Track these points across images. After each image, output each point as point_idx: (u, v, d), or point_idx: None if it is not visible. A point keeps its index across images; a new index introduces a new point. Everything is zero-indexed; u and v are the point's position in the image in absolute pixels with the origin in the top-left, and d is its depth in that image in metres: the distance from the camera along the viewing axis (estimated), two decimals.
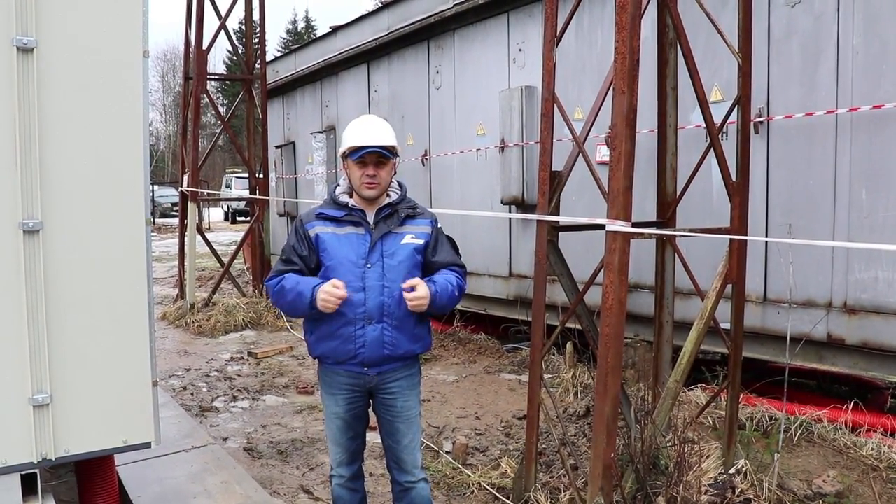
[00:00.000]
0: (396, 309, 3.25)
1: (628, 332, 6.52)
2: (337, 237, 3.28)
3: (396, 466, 3.46)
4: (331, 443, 3.48)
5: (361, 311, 3.22)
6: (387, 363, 3.31)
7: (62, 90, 2.95)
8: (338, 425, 3.41)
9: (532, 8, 7.74)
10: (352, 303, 3.19)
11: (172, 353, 8.85)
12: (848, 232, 5.13)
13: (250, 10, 11.54)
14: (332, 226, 3.30)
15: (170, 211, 34.76)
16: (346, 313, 3.21)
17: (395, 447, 3.43)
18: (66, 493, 4.14)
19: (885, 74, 4.89)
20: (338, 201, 3.35)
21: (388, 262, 3.26)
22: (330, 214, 3.33)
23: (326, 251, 3.27)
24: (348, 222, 3.31)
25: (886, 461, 4.68)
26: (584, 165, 4.04)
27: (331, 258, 3.26)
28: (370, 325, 3.23)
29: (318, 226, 3.31)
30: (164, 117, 55.90)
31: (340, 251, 3.26)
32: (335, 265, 3.25)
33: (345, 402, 3.37)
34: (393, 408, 3.38)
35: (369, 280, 3.23)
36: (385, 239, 3.29)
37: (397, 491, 3.51)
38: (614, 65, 3.61)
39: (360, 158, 3.23)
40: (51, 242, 2.95)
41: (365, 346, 3.24)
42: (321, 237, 3.29)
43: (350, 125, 3.37)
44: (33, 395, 2.94)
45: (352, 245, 3.27)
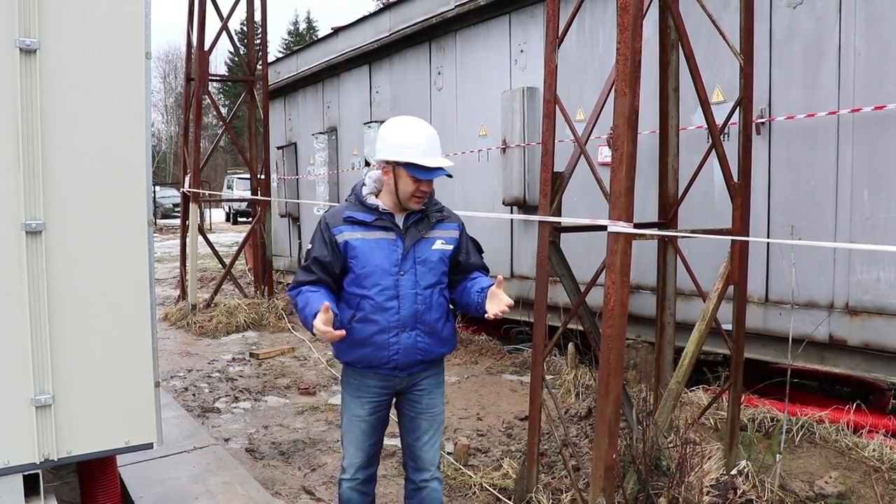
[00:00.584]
0: (429, 315, 3.23)
1: (630, 334, 6.52)
2: (367, 243, 3.17)
3: (413, 464, 3.45)
4: (350, 445, 3.37)
5: (395, 319, 3.17)
6: (418, 366, 3.32)
7: (65, 91, 2.96)
8: (361, 428, 3.35)
9: (534, 9, 7.74)
10: (384, 310, 3.15)
11: (174, 353, 8.85)
12: (850, 233, 5.12)
13: (252, 11, 11.55)
14: (361, 230, 3.19)
15: (171, 212, 34.75)
16: (378, 321, 3.16)
17: (415, 444, 3.42)
18: (68, 493, 4.14)
19: (886, 75, 4.89)
20: (366, 204, 3.23)
21: (420, 269, 3.21)
22: (359, 218, 3.20)
23: (357, 258, 3.15)
24: (378, 227, 3.20)
25: (888, 462, 4.68)
26: (586, 166, 4.04)
27: (362, 266, 3.15)
28: (404, 332, 3.19)
29: (347, 231, 3.18)
30: (165, 118, 55.97)
31: (372, 259, 3.15)
32: (367, 273, 3.15)
33: (371, 405, 3.33)
34: (418, 404, 3.39)
35: (403, 288, 3.17)
36: (417, 245, 3.22)
37: (410, 489, 3.49)
38: (616, 66, 3.61)
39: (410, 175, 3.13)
40: (53, 243, 2.96)
41: (399, 353, 3.21)
42: (350, 244, 3.16)
43: (408, 130, 3.16)
44: (36, 396, 2.95)
45: (383, 251, 3.17)
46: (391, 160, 3.15)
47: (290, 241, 13.89)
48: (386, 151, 3.17)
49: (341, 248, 3.17)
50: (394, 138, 3.17)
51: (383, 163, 3.20)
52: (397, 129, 3.19)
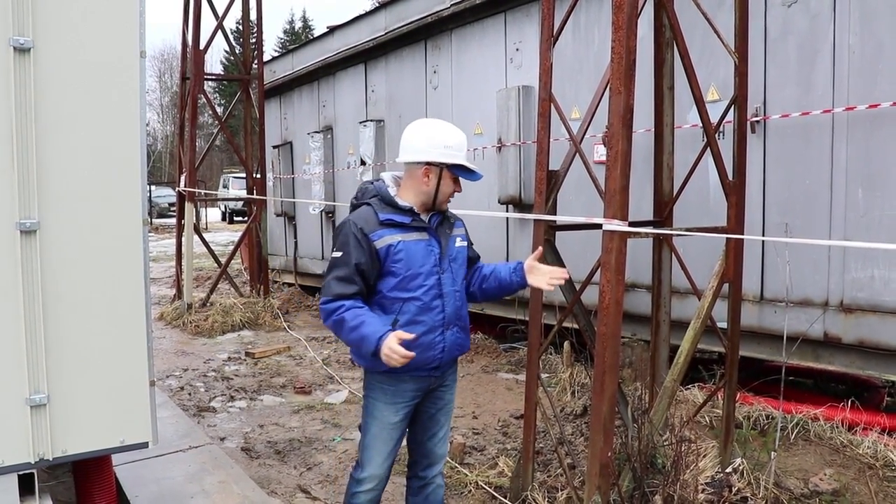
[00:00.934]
0: (463, 311, 3.32)
1: (626, 332, 6.53)
2: (409, 245, 3.14)
3: (426, 461, 3.45)
4: (377, 456, 3.28)
5: (441, 317, 3.19)
6: (453, 363, 3.39)
7: (59, 90, 2.95)
8: (393, 437, 3.29)
9: (529, 7, 7.74)
10: (430, 310, 3.16)
11: (170, 353, 8.85)
12: (844, 231, 5.14)
13: (247, 10, 11.54)
14: (401, 233, 3.14)
15: (167, 211, 34.75)
16: (426, 321, 3.16)
17: (429, 441, 3.43)
18: (63, 493, 4.13)
19: (880, 74, 4.90)
20: (399, 205, 3.18)
21: (454, 267, 3.27)
22: (398, 221, 3.15)
23: (403, 261, 3.11)
24: (414, 228, 3.18)
25: (883, 459, 4.69)
26: (582, 165, 4.05)
27: (407, 268, 3.12)
28: (448, 330, 3.23)
29: (387, 235, 3.11)
30: (161, 117, 55.85)
31: (416, 260, 3.14)
32: (413, 275, 3.13)
33: (405, 409, 3.29)
34: (441, 400, 3.42)
35: (446, 286, 3.20)
36: (448, 244, 3.27)
37: (417, 486, 3.48)
38: (611, 64, 3.61)
39: (452, 176, 3.20)
40: (48, 242, 2.95)
41: (444, 351, 3.23)
42: (395, 248, 3.11)
43: (453, 133, 3.20)
44: (30, 396, 2.94)
45: (422, 252, 3.17)
46: (439, 162, 3.16)
47: (285, 240, 13.87)
48: (433, 153, 3.15)
49: (381, 253, 3.11)
50: (443, 141, 3.17)
51: (423, 164, 3.17)
52: (443, 132, 3.21)
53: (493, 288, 3.41)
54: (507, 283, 3.36)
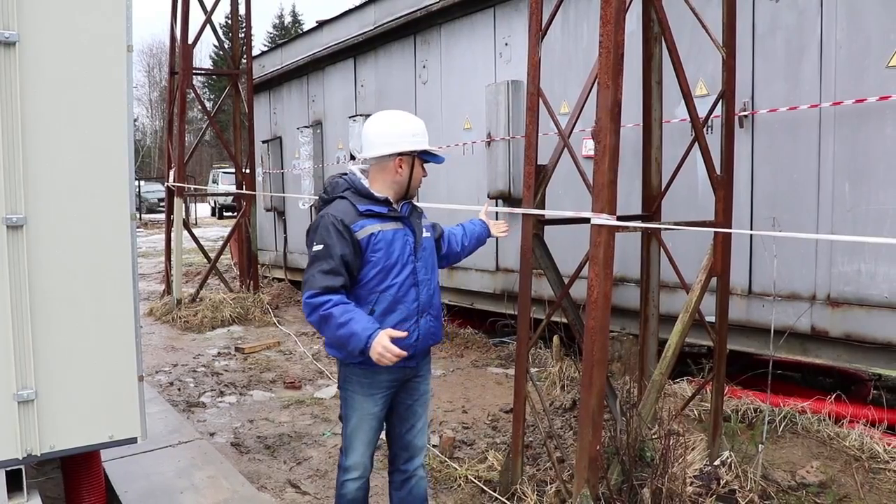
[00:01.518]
0: (436, 299, 3.38)
1: (614, 326, 6.55)
2: (388, 234, 3.19)
3: (406, 454, 3.48)
4: (360, 445, 3.33)
5: (415, 305, 3.25)
6: (427, 353, 3.43)
7: (45, 85, 2.94)
8: (373, 426, 3.34)
9: (518, 2, 7.74)
10: (406, 298, 3.22)
11: (159, 348, 8.83)
12: (831, 225, 5.17)
13: (236, 5, 11.50)
14: (379, 223, 3.18)
15: (156, 206, 34.57)
16: (401, 309, 3.20)
17: (408, 433, 3.46)
18: (52, 489, 4.13)
19: (867, 69, 4.92)
20: (375, 196, 3.23)
21: (425, 255, 3.34)
22: (377, 211, 3.20)
23: (382, 251, 3.15)
24: (391, 218, 3.23)
25: (869, 451, 4.73)
26: (571, 160, 4.05)
27: (387, 257, 3.16)
28: (422, 318, 3.28)
29: (368, 225, 3.15)
30: (150, 112, 55.60)
31: (395, 249, 3.19)
32: (392, 264, 3.17)
33: (383, 400, 3.34)
34: (416, 391, 3.45)
35: (420, 274, 3.27)
36: (421, 233, 3.34)
37: (400, 480, 3.51)
38: (599, 59, 3.62)
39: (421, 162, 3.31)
40: (35, 238, 2.95)
41: (419, 339, 3.27)
42: (375, 237, 3.14)
43: (414, 121, 3.30)
44: (18, 391, 2.94)
45: (400, 241, 3.22)
46: (409, 150, 3.23)
47: (275, 235, 13.84)
48: (403, 143, 3.22)
49: (363, 244, 3.13)
50: (409, 130, 3.25)
51: (395, 156, 3.22)
52: (407, 122, 3.28)
53: (472, 244, 3.86)
54: (482, 236, 3.90)
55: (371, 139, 3.26)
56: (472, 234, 3.85)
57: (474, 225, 3.90)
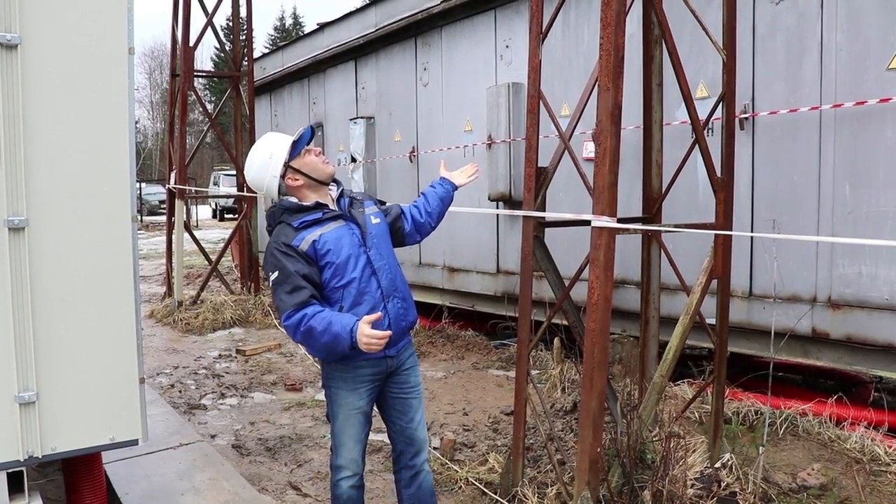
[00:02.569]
0: (399, 281, 3.40)
1: (615, 328, 6.55)
2: (329, 235, 3.22)
3: (411, 448, 3.49)
4: (349, 441, 3.36)
5: (378, 292, 3.27)
6: (403, 337, 3.42)
7: (47, 87, 2.95)
8: (360, 420, 3.36)
9: (519, 4, 7.75)
10: (368, 287, 3.25)
11: (160, 350, 8.83)
12: (832, 227, 5.17)
13: (237, 7, 11.51)
14: (318, 228, 3.24)
15: (157, 208, 34.59)
16: (367, 300, 3.24)
17: (409, 426, 3.48)
18: (53, 491, 4.13)
19: (867, 71, 4.93)
20: (304, 206, 3.30)
21: (377, 242, 3.36)
22: (311, 219, 3.25)
23: (331, 251, 3.20)
24: (329, 219, 3.28)
25: (870, 454, 4.73)
26: (571, 162, 4.06)
27: (337, 255, 3.20)
28: (389, 302, 3.30)
29: (307, 235, 3.20)
30: (151, 114, 55.62)
31: (342, 245, 3.23)
32: (344, 260, 3.21)
33: (367, 394, 3.36)
34: (407, 384, 3.46)
35: (375, 261, 3.30)
36: (366, 222, 3.36)
37: (408, 476, 3.52)
38: (599, 61, 3.63)
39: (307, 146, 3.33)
40: (36, 240, 2.95)
41: (390, 325, 3.28)
42: (319, 242, 3.19)
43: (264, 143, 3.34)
44: (19, 393, 2.94)
45: (346, 237, 3.26)
46: (280, 166, 3.28)
47: None
48: (272, 167, 3.29)
49: (310, 253, 3.19)
50: (264, 154, 3.31)
51: (280, 179, 3.31)
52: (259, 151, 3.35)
53: (438, 207, 3.77)
54: (445, 195, 3.79)
55: (256, 181, 3.37)
56: (434, 197, 3.77)
57: (433, 187, 3.81)
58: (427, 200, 3.76)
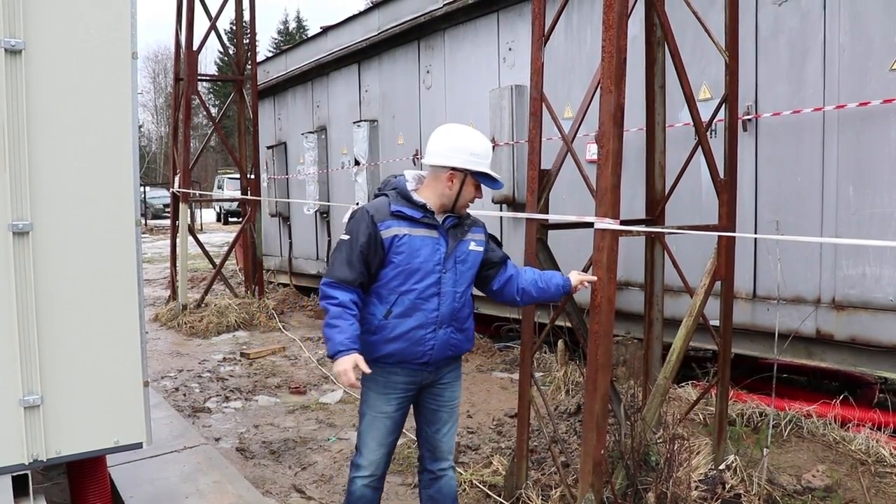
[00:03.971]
0: (462, 313, 3.34)
1: (619, 330, 6.55)
2: (414, 240, 3.19)
3: (431, 455, 3.50)
4: (371, 441, 3.36)
5: (434, 315, 3.24)
6: (445, 361, 3.40)
7: (51, 92, 2.96)
8: (386, 425, 3.35)
9: (522, 7, 7.75)
10: (425, 306, 3.22)
11: (165, 354, 8.84)
12: (836, 228, 5.16)
13: (241, 11, 11.53)
14: (408, 226, 3.20)
15: (162, 212, 34.63)
16: (418, 316, 3.21)
17: (435, 436, 3.48)
18: (58, 494, 4.14)
19: (870, 72, 4.92)
20: (413, 200, 3.24)
21: (459, 269, 3.30)
22: (408, 214, 3.21)
23: (404, 254, 3.17)
24: (424, 224, 3.23)
25: (875, 455, 4.72)
26: (574, 164, 4.06)
27: (408, 261, 3.18)
28: (440, 329, 3.26)
29: (394, 226, 3.18)
30: (155, 118, 55.78)
31: (419, 255, 3.19)
32: (413, 269, 3.18)
33: (397, 401, 3.35)
34: (441, 397, 3.45)
35: (445, 286, 3.25)
36: (457, 246, 3.30)
37: (428, 479, 3.53)
38: (602, 64, 3.63)
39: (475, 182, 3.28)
40: (41, 244, 2.96)
41: (434, 349, 3.27)
42: (399, 239, 3.17)
43: (481, 141, 3.28)
44: (24, 397, 2.95)
45: (428, 249, 3.22)
46: (464, 168, 3.22)
47: (280, 240, 13.87)
48: (459, 159, 3.22)
49: (386, 244, 3.17)
50: (470, 147, 3.24)
51: (448, 168, 3.23)
52: (470, 139, 3.27)
53: (534, 295, 3.54)
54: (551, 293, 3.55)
55: (432, 147, 3.29)
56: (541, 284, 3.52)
57: (554, 279, 3.56)
58: (534, 281, 3.53)
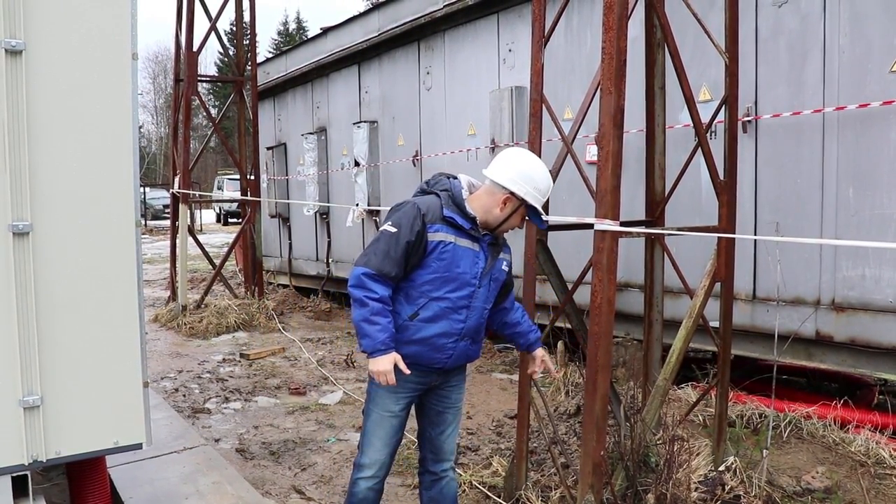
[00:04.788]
0: (482, 327, 3.37)
1: (619, 331, 6.55)
2: (457, 249, 3.17)
3: (433, 456, 3.50)
4: (377, 442, 3.34)
5: (460, 327, 3.23)
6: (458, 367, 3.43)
7: (51, 92, 2.96)
8: (392, 424, 3.34)
9: (522, 8, 7.76)
10: (453, 316, 3.21)
11: (164, 354, 8.84)
12: (835, 230, 5.16)
13: (240, 12, 11.54)
14: (454, 234, 3.17)
15: (161, 213, 34.65)
16: (444, 325, 3.20)
17: (438, 437, 3.48)
18: (57, 495, 4.13)
19: (870, 73, 4.93)
20: (465, 210, 3.20)
21: (492, 286, 3.31)
22: (458, 223, 3.18)
23: (444, 261, 3.15)
24: (469, 236, 3.22)
25: (874, 457, 4.72)
26: (574, 165, 4.06)
27: (447, 270, 3.15)
28: (463, 341, 3.27)
29: (442, 232, 3.15)
30: (155, 119, 55.78)
31: (459, 265, 3.17)
32: (450, 277, 3.17)
33: (406, 400, 3.35)
34: (447, 399, 3.46)
35: (476, 300, 3.25)
36: (496, 263, 3.31)
37: (430, 480, 3.53)
38: (602, 65, 3.63)
39: (524, 214, 3.26)
40: (40, 244, 2.96)
41: (451, 358, 3.28)
42: (443, 245, 3.14)
43: (545, 178, 3.24)
44: (24, 397, 2.94)
45: (468, 261, 3.20)
46: (522, 198, 3.19)
47: (280, 241, 13.87)
48: (519, 186, 3.18)
49: (430, 246, 3.14)
50: (536, 181, 3.20)
51: (506, 191, 3.20)
52: (539, 174, 3.23)
53: (508, 331, 3.61)
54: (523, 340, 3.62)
55: (500, 164, 3.24)
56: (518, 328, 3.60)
57: (530, 329, 3.62)
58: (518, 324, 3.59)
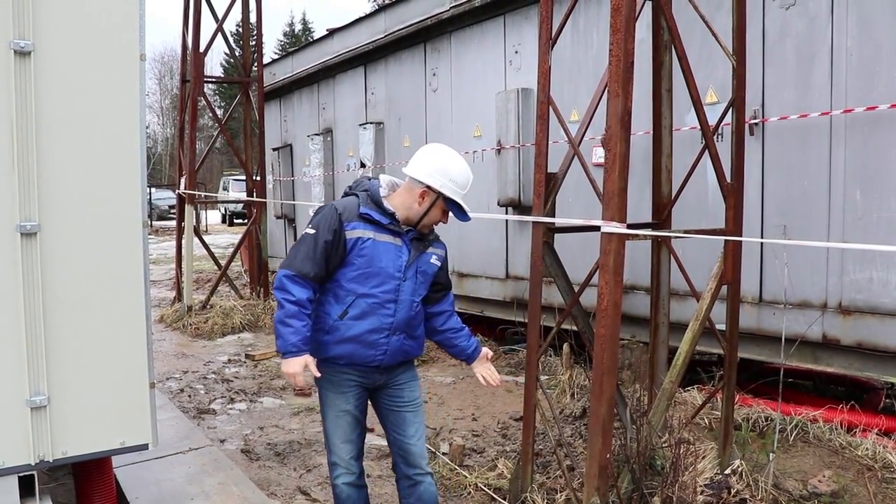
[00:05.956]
0: (416, 321, 3.40)
1: (625, 334, 6.54)
2: (376, 244, 3.24)
3: (404, 460, 3.49)
4: (339, 441, 3.40)
5: (390, 321, 3.28)
6: (397, 365, 3.44)
7: (59, 93, 2.96)
8: (348, 421, 3.40)
9: (528, 10, 7.76)
10: (381, 311, 3.25)
11: (170, 355, 8.85)
12: (843, 233, 5.15)
13: (247, 13, 11.56)
14: (373, 230, 3.25)
15: (167, 213, 34.74)
16: (373, 321, 3.25)
17: (402, 439, 3.48)
18: (63, 495, 4.14)
19: (878, 76, 4.91)
20: (383, 206, 3.28)
21: (419, 279, 3.35)
22: (375, 218, 3.26)
23: (365, 257, 3.22)
24: (389, 231, 3.28)
25: (882, 461, 4.70)
26: (581, 167, 4.06)
27: (368, 265, 3.22)
28: (394, 335, 3.31)
29: (360, 229, 3.23)
30: (161, 120, 55.86)
31: (379, 260, 3.24)
32: (372, 273, 3.23)
33: (354, 398, 3.39)
34: (400, 398, 3.48)
35: (403, 294, 3.29)
36: (419, 257, 3.35)
37: (406, 487, 3.52)
38: (609, 67, 3.63)
39: (444, 207, 3.31)
40: (48, 244, 2.96)
41: (386, 354, 3.31)
42: (362, 241, 3.22)
43: (462, 169, 3.28)
44: (31, 397, 2.95)
45: (390, 255, 3.26)
46: (438, 191, 3.25)
47: (285, 242, 13.88)
48: (437, 181, 3.24)
49: (349, 244, 3.21)
50: (451, 173, 3.27)
51: (423, 185, 3.26)
52: (454, 165, 3.29)
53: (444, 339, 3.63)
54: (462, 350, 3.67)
55: (416, 160, 3.32)
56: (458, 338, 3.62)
57: (469, 340, 3.66)
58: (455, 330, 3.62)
